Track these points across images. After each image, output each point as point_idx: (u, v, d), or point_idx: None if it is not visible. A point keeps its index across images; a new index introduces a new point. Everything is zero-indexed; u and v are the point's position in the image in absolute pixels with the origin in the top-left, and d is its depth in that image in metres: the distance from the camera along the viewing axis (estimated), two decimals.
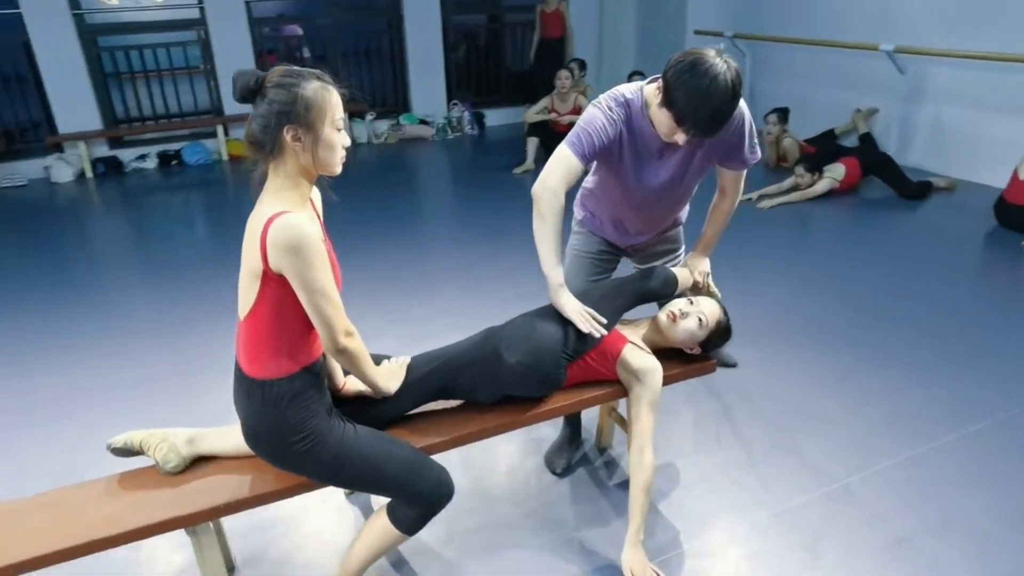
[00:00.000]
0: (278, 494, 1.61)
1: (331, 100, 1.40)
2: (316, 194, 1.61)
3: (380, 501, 1.79)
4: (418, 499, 1.61)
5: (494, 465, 2.29)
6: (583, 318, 1.80)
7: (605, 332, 1.82)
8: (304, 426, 1.50)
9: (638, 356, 1.88)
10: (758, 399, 2.57)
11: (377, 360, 1.78)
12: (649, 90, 1.79)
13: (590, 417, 2.38)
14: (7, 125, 6.68)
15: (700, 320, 1.93)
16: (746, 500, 2.08)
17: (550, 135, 5.84)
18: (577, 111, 5.79)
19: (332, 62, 7.61)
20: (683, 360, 2.03)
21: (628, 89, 1.84)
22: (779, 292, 3.46)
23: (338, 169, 1.47)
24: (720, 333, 1.99)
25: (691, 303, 1.96)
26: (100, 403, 2.72)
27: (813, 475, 2.16)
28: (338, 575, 1.71)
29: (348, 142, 1.47)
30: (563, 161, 1.81)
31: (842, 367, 2.75)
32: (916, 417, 2.42)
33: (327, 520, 2.07)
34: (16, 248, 4.80)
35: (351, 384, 1.71)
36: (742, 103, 1.81)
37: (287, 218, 1.35)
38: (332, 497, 2.14)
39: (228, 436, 1.69)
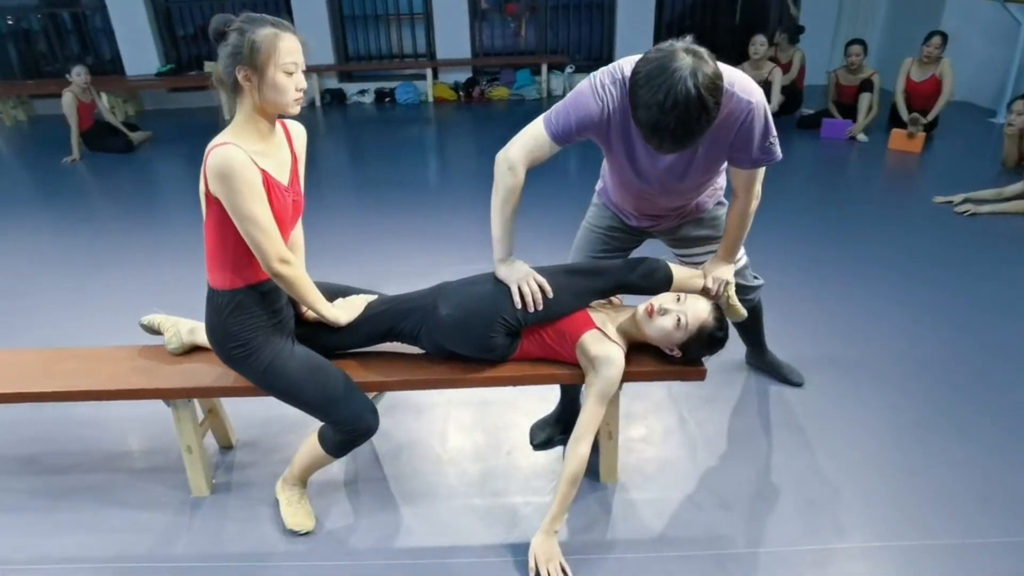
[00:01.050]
0: (235, 391, 1.84)
1: (280, 45, 1.50)
2: (299, 133, 1.75)
3: None
4: (336, 426, 1.74)
5: (484, 418, 2.31)
6: (522, 289, 1.72)
7: (538, 307, 1.72)
8: (241, 336, 1.68)
9: (597, 343, 1.74)
10: (810, 430, 2.21)
11: (345, 294, 1.91)
12: None
13: None
14: None
15: (679, 320, 1.72)
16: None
17: None
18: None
19: (541, 12, 7.71)
20: (668, 359, 1.84)
21: (631, 64, 1.57)
22: (911, 318, 2.85)
23: (292, 109, 1.57)
24: (703, 341, 1.75)
25: (678, 300, 1.75)
26: None
27: (833, 530, 1.83)
28: (286, 475, 1.92)
29: (302, 85, 1.56)
30: (532, 135, 1.69)
31: (942, 425, 2.23)
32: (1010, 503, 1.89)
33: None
34: None
35: (311, 311, 1.86)
36: (753, 96, 1.56)
37: (221, 149, 1.50)
38: None
39: None
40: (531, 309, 1.72)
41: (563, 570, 1.69)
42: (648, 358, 1.85)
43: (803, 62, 5.95)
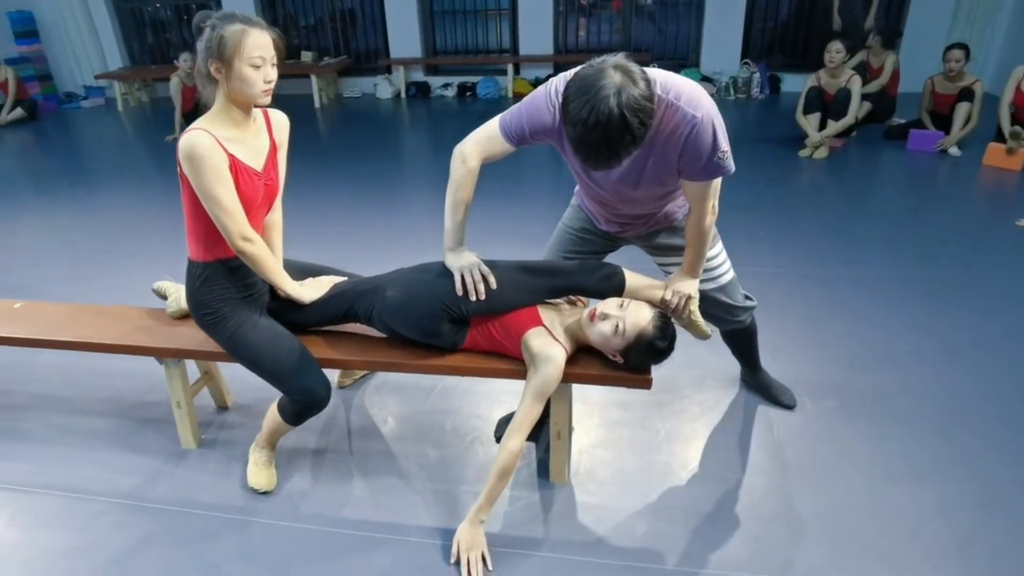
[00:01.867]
0: (214, 355, 2.01)
1: (246, 41, 1.62)
2: (281, 122, 1.89)
3: None
4: (289, 396, 1.87)
5: (460, 406, 2.37)
6: (464, 277, 1.76)
7: (479, 296, 1.75)
8: (211, 304, 1.84)
9: (539, 341, 1.76)
10: (787, 455, 2.10)
11: (319, 274, 2.04)
12: None
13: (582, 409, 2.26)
14: (357, 49, 8.36)
15: (617, 326, 1.71)
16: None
17: (824, 106, 5.04)
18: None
19: (626, 10, 7.60)
20: (614, 364, 1.82)
21: None
22: (947, 351, 2.61)
23: (261, 100, 1.70)
24: (641, 349, 1.72)
25: (620, 307, 1.74)
26: None
27: None
28: (258, 438, 2.07)
29: (271, 77, 1.68)
30: (488, 132, 1.73)
31: (951, 474, 2.05)
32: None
33: None
34: (349, 149, 6.18)
35: None
36: (699, 110, 1.53)
37: (191, 134, 1.65)
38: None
39: None
40: (472, 298, 1.76)
41: (483, 559, 1.73)
42: (596, 361, 1.84)
43: (896, 67, 5.51)
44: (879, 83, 5.50)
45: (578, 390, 2.20)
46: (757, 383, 2.36)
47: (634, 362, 1.77)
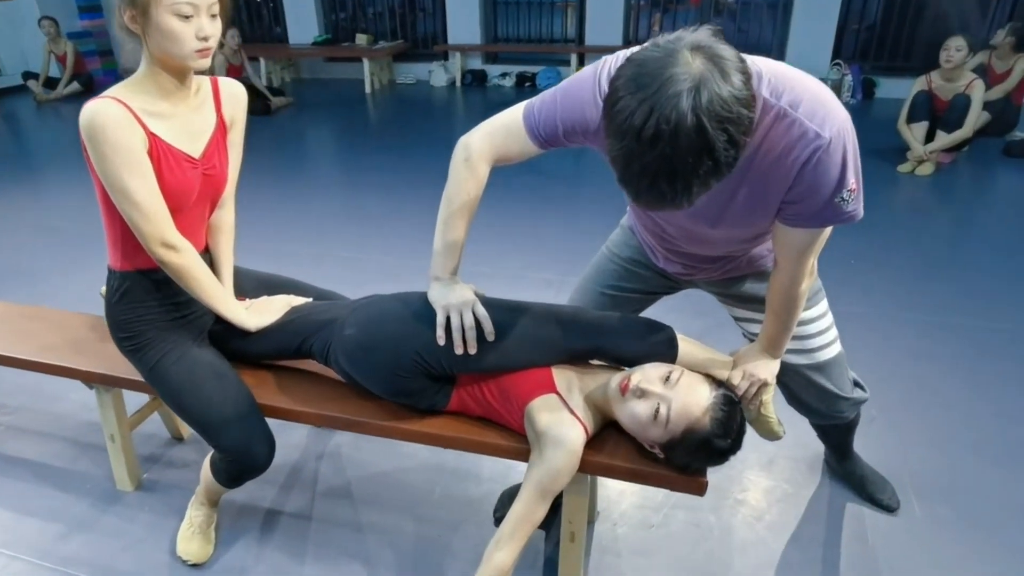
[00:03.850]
0: (141, 385, 1.59)
1: None
2: (235, 95, 1.45)
3: None
4: (218, 452, 1.43)
5: (456, 466, 1.89)
6: (452, 321, 1.27)
7: (468, 349, 1.27)
8: (129, 327, 1.42)
9: (548, 415, 1.26)
10: None
11: (283, 290, 1.60)
12: None
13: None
14: (414, 34, 7.97)
15: (658, 410, 1.19)
16: None
17: (934, 114, 4.31)
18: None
19: (705, 6, 6.94)
20: (655, 459, 1.29)
21: None
22: None
23: (191, 62, 1.25)
24: (693, 446, 1.19)
25: (666, 381, 1.21)
26: None
27: None
28: (197, 491, 1.65)
29: (207, 32, 1.24)
30: (507, 124, 1.24)
31: None
32: None
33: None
34: (396, 135, 5.82)
35: None
36: (826, 126, 0.99)
37: (96, 103, 1.22)
38: None
39: None
40: (458, 350, 1.28)
41: None
42: (629, 445, 1.33)
43: None
44: (1004, 89, 4.69)
45: None
46: (847, 472, 1.79)
47: (681, 461, 1.24)
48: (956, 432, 2.00)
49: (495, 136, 1.26)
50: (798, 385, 1.48)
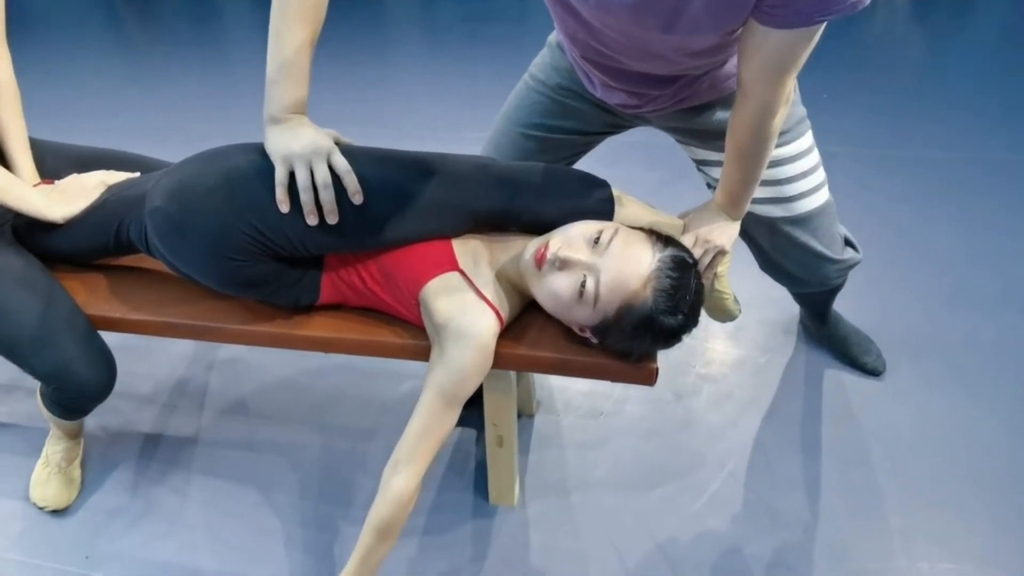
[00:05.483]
0: None
1: None
2: None
3: None
4: (36, 377, 1.10)
5: (361, 376, 1.61)
6: (298, 175, 0.90)
7: (327, 216, 0.92)
8: None
9: (449, 301, 0.94)
10: (872, 453, 1.33)
11: (99, 165, 1.20)
12: None
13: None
14: None
15: (583, 285, 0.87)
16: None
17: None
18: None
19: None
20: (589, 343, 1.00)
21: None
22: None
23: None
24: (632, 327, 0.89)
25: (595, 244, 0.89)
26: None
27: None
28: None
29: None
30: None
31: None
32: None
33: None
34: None
35: None
36: None
37: None
38: None
39: None
40: (309, 219, 0.92)
41: None
42: (556, 332, 1.03)
43: None
44: None
45: None
46: (826, 335, 1.54)
47: (620, 347, 0.95)
48: (942, 281, 1.76)
49: None
50: (774, 245, 1.18)
